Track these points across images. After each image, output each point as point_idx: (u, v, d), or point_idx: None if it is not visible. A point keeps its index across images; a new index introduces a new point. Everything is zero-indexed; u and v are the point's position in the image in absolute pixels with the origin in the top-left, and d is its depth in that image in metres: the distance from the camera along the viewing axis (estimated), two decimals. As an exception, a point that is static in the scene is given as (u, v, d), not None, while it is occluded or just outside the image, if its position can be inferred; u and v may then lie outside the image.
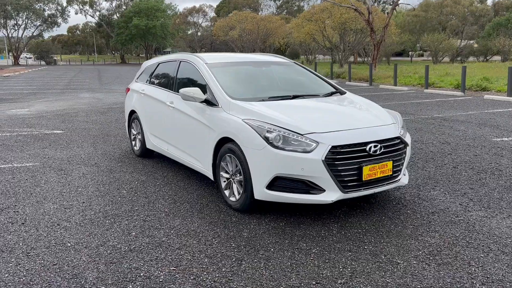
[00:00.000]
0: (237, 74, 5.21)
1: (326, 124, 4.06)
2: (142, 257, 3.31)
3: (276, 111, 4.25)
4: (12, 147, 7.37)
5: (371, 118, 4.43)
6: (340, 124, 4.11)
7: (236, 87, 4.85)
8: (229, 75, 5.09)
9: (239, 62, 5.55)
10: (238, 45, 45.43)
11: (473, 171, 5.65)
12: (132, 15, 64.75)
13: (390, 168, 4.06)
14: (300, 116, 4.19)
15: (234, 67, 5.33)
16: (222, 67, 5.18)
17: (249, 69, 5.37)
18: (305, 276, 3.05)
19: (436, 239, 3.66)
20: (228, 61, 5.47)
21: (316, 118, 4.21)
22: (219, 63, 5.28)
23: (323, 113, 4.43)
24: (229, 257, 3.33)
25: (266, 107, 4.33)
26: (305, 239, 3.65)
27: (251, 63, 5.58)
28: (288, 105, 4.53)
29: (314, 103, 4.72)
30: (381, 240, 3.64)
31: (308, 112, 4.40)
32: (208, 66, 5.08)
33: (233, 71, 5.22)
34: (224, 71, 5.09)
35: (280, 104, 4.52)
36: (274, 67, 5.58)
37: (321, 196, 3.84)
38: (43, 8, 67.50)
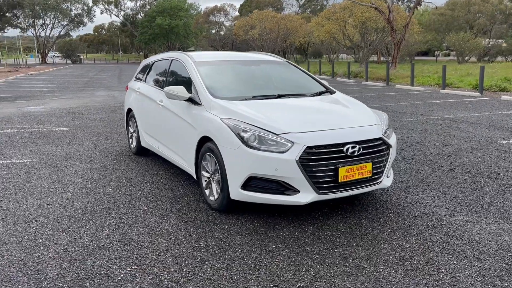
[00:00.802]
0: (224, 72, 5.18)
1: (304, 124, 3.99)
2: (107, 255, 3.33)
3: (256, 110, 4.20)
4: (16, 143, 7.54)
5: (353, 118, 4.33)
6: (318, 124, 4.03)
7: (221, 85, 4.83)
8: (216, 73, 5.07)
9: (228, 60, 5.53)
10: (258, 44, 45.38)
11: (469, 174, 5.47)
12: (156, 15, 65.48)
13: (370, 169, 3.96)
14: (279, 116, 4.13)
15: (222, 66, 5.31)
16: (210, 66, 5.16)
17: (237, 68, 5.33)
18: (265, 278, 3.00)
19: (411, 244, 3.55)
20: (217, 60, 5.45)
21: (295, 118, 4.14)
22: (208, 62, 5.26)
23: (304, 113, 4.35)
24: (194, 257, 3.31)
25: (246, 107, 4.29)
26: (276, 241, 3.59)
27: (241, 61, 5.54)
28: (270, 105, 4.47)
29: (298, 103, 4.64)
30: (353, 243, 3.55)
31: (289, 112, 4.33)
32: (196, 64, 5.08)
33: (220, 69, 5.20)
34: (211, 70, 5.07)
35: (262, 104, 4.47)
36: (264, 66, 5.53)
37: (296, 197, 3.77)
38: (70, 8, 69.05)
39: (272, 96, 4.71)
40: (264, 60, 5.70)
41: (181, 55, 5.47)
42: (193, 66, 5.03)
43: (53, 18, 67.76)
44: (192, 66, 5.03)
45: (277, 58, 5.89)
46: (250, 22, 44.93)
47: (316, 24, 37.99)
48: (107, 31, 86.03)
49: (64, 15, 67.50)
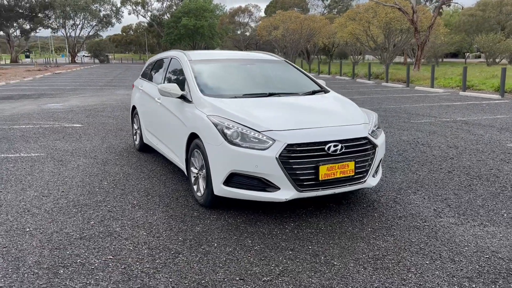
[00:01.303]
0: (219, 71, 5.26)
1: (287, 122, 4.02)
2: (87, 245, 3.45)
3: (242, 108, 4.26)
4: (28, 138, 7.82)
5: (340, 117, 4.34)
6: (302, 122, 4.05)
7: (213, 83, 4.91)
8: (210, 72, 5.15)
9: (225, 59, 5.61)
10: (281, 44, 45.37)
11: (467, 176, 5.37)
12: (181, 15, 66.33)
13: (352, 168, 3.96)
14: (264, 114, 4.17)
15: (217, 64, 5.39)
16: (205, 64, 5.25)
17: (232, 66, 5.40)
18: (233, 272, 3.06)
19: (388, 243, 3.54)
20: (214, 58, 5.54)
21: (280, 116, 4.17)
22: (204, 60, 5.36)
23: (290, 111, 4.38)
24: (170, 249, 3.39)
25: (234, 104, 4.35)
26: (253, 236, 3.64)
27: (237, 60, 5.62)
28: (258, 103, 4.52)
29: (287, 101, 4.67)
30: (330, 241, 3.57)
31: (276, 110, 4.36)
32: (191, 62, 5.18)
33: (215, 68, 5.28)
34: (206, 68, 5.16)
35: (251, 101, 4.52)
36: (259, 64, 5.58)
37: (276, 194, 3.81)
38: (99, 9, 70.68)
39: (263, 95, 4.76)
40: (261, 59, 5.75)
41: (179, 53, 5.58)
42: (188, 64, 5.12)
43: (82, 19, 69.54)
44: (187, 64, 5.14)
45: (276, 57, 5.94)
46: (273, 23, 44.95)
47: (339, 25, 37.69)
48: (134, 31, 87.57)
49: (93, 15, 69.15)
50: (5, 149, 6.90)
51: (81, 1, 65.41)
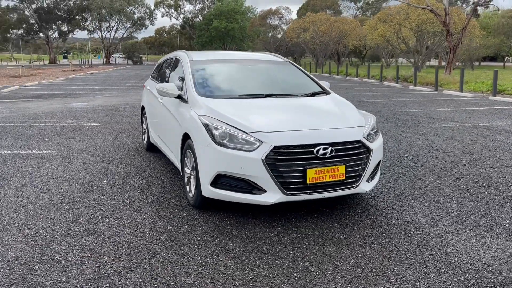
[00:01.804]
0: (219, 71, 5.23)
1: (278, 123, 3.95)
2: (69, 242, 3.48)
3: (235, 109, 4.22)
4: (44, 136, 8.04)
5: (334, 120, 4.23)
6: (293, 124, 3.97)
7: (210, 84, 4.89)
8: (210, 72, 5.13)
9: (227, 60, 5.58)
10: (310, 46, 45.07)
11: (476, 184, 5.13)
12: (213, 18, 66.97)
13: (342, 172, 3.84)
14: (256, 115, 4.11)
15: (218, 65, 5.36)
16: (205, 65, 5.24)
17: (233, 67, 5.36)
18: (206, 274, 3.01)
19: (374, 251, 3.40)
20: (216, 59, 5.52)
21: (272, 118, 4.10)
22: (205, 61, 5.35)
23: (283, 113, 4.30)
24: (149, 249, 3.38)
25: (227, 105, 4.32)
26: (236, 239, 3.58)
27: (239, 61, 5.58)
28: (253, 104, 4.47)
29: (282, 103, 4.59)
30: (313, 246, 3.46)
31: (268, 111, 4.29)
32: (191, 63, 5.17)
33: (215, 68, 5.26)
34: (206, 69, 5.15)
35: (245, 102, 4.48)
36: (261, 65, 5.52)
37: (262, 196, 3.74)
38: (133, 11, 72.26)
39: (260, 96, 4.69)
40: (264, 60, 5.69)
41: (182, 54, 5.60)
42: (188, 64, 5.12)
43: (117, 21, 71.27)
44: (187, 64, 5.13)
45: (280, 58, 5.86)
46: (302, 25, 44.74)
47: (370, 27, 37.11)
48: (167, 33, 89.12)
49: (128, 18, 70.78)
50: (19, 146, 7.10)
51: (116, 4, 67.03)
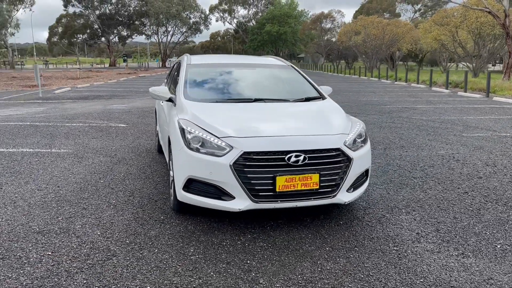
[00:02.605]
0: (214, 75, 5.20)
1: (253, 129, 3.86)
2: (38, 240, 3.58)
3: (216, 113, 4.19)
4: (70, 135, 8.41)
5: (315, 126, 4.07)
6: (269, 130, 3.87)
7: (201, 88, 4.88)
8: (204, 76, 5.12)
9: (224, 64, 5.56)
10: (362, 50, 44.07)
11: (483, 199, 4.74)
12: (265, 22, 67.45)
13: (316, 181, 3.68)
14: (234, 119, 4.05)
15: (215, 69, 5.34)
16: (202, 68, 5.25)
17: (229, 71, 5.32)
18: (150, 280, 2.98)
19: (337, 265, 3.22)
20: (214, 63, 5.52)
21: (249, 123, 4.01)
22: (203, 64, 5.36)
23: (264, 118, 4.20)
24: (109, 251, 3.40)
25: (210, 109, 4.29)
26: (199, 245, 3.53)
27: (237, 65, 5.53)
28: (237, 108, 4.41)
29: (268, 107, 4.49)
30: (275, 257, 3.34)
31: (249, 116, 4.22)
32: (188, 66, 5.20)
33: (211, 72, 5.24)
34: (201, 72, 5.15)
35: (230, 106, 4.43)
36: (260, 69, 5.44)
37: (230, 203, 3.67)
38: (189, 16, 74.26)
39: (248, 100, 4.61)
40: (264, 64, 5.62)
41: (183, 57, 5.64)
42: (184, 68, 5.15)
43: (174, 26, 73.56)
44: (184, 68, 5.17)
45: (283, 62, 5.75)
46: (354, 28, 43.87)
47: (424, 30, 35.68)
48: (222, 37, 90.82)
49: (183, 22, 72.83)
50: (42, 145, 7.47)
51: (173, 9, 69.19)
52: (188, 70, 5.10)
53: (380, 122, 10.44)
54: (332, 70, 50.10)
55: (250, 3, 76.22)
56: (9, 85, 26.09)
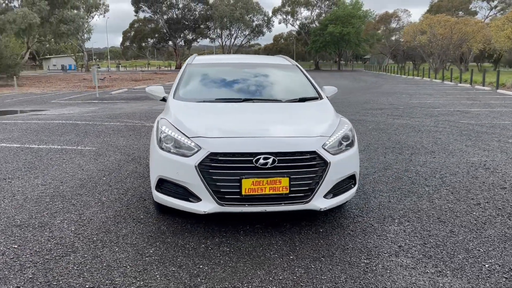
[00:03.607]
0: (211, 75, 5.13)
1: (226, 129, 3.74)
2: (13, 232, 3.71)
3: (197, 112, 4.13)
4: (101, 134, 8.75)
5: (294, 127, 3.86)
6: (243, 130, 3.72)
7: (193, 87, 4.83)
8: (202, 76, 5.07)
9: (226, 63, 5.48)
10: (427, 51, 41.94)
11: (496, 212, 4.26)
12: (328, 23, 66.46)
13: (286, 185, 3.47)
14: (210, 119, 3.96)
15: (215, 68, 5.28)
16: (201, 68, 5.20)
17: (228, 71, 5.22)
18: (93, 279, 2.96)
19: (292, 275, 3.02)
20: (216, 62, 5.46)
21: (224, 123, 3.90)
22: (203, 64, 5.31)
23: (244, 118, 4.05)
24: (71, 247, 3.44)
25: (192, 109, 4.25)
26: (161, 247, 3.47)
27: (238, 64, 5.42)
28: (221, 108, 4.31)
29: (254, 108, 4.33)
30: (230, 263, 3.19)
31: (229, 116, 4.10)
32: (188, 66, 5.18)
33: (209, 72, 5.18)
34: (199, 72, 5.11)
35: (214, 107, 4.34)
36: (260, 69, 5.29)
37: (196, 205, 3.57)
38: (252, 19, 75.18)
39: (237, 100, 4.49)
40: (266, 63, 5.48)
41: (190, 57, 5.63)
42: (184, 68, 5.14)
43: (237, 29, 74.83)
44: (183, 68, 5.16)
45: (287, 62, 5.55)
46: (419, 28, 41.88)
47: (495, 28, 33.22)
48: (285, 39, 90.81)
49: (246, 25, 73.86)
50: (71, 142, 7.83)
51: (237, 13, 70.44)
52: (186, 69, 5.09)
53: (420, 126, 9.82)
54: (396, 71, 48.22)
55: (313, 5, 75.55)
56: (77, 86, 27.92)
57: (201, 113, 4.14)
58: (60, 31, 39.32)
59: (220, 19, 71.78)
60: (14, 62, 30.77)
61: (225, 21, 72.89)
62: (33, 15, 35.34)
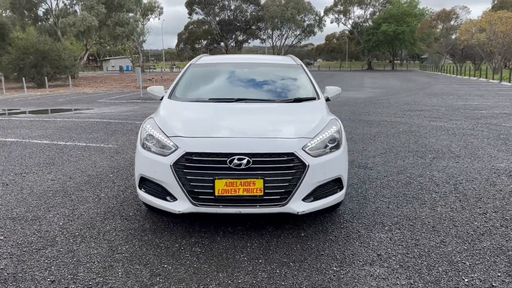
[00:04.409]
0: (210, 75, 5.12)
1: (205, 129, 3.73)
2: (6, 225, 3.89)
3: (184, 112, 4.17)
4: (127, 132, 9.03)
5: (274, 128, 3.75)
6: (222, 131, 3.70)
7: (189, 87, 4.84)
8: (201, 76, 5.09)
9: (229, 63, 5.45)
10: (486, 49, 39.64)
11: (501, 223, 3.94)
12: (382, 22, 64.63)
13: (260, 187, 3.39)
14: (193, 119, 3.99)
15: (215, 68, 5.27)
16: (202, 68, 5.22)
17: (229, 71, 5.18)
18: (58, 273, 3.03)
19: (253, 279, 2.95)
20: (219, 62, 5.45)
21: (207, 122, 3.89)
22: (206, 64, 5.33)
23: (229, 118, 4.01)
24: (52, 241, 3.55)
25: (182, 108, 4.27)
26: (135, 244, 3.50)
27: (241, 64, 5.39)
28: (210, 107, 4.31)
29: (243, 108, 4.27)
30: (195, 265, 3.17)
31: (215, 116, 4.07)
32: (191, 66, 5.22)
33: (209, 72, 5.18)
34: (199, 72, 5.13)
35: (204, 106, 4.35)
36: (261, 68, 5.22)
37: (172, 204, 3.57)
38: (304, 19, 74.65)
39: (230, 100, 4.45)
40: (270, 63, 5.42)
41: (195, 58, 5.67)
42: (185, 68, 5.19)
43: (288, 29, 74.63)
44: (185, 68, 5.21)
45: (293, 62, 5.43)
46: (477, 25, 39.69)
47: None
48: (337, 39, 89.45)
49: (297, 25, 73.47)
50: (97, 140, 8.14)
51: (288, 13, 70.24)
52: (188, 70, 5.12)
53: (456, 129, 9.29)
54: (452, 71, 46.01)
55: (367, 3, 73.78)
56: (127, 86, 29.06)
57: (188, 112, 4.15)
58: (116, 33, 41.08)
59: (271, 19, 71.90)
60: (71, 63, 32.48)
61: (276, 22, 72.90)
62: (92, 18, 37.24)
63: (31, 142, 7.96)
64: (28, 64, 29.34)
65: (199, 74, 5.10)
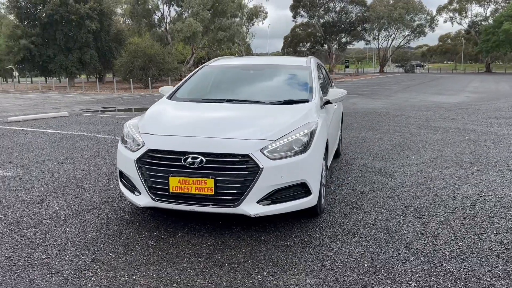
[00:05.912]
0: (214, 76, 5.23)
1: (175, 127, 3.87)
2: (11, 205, 4.42)
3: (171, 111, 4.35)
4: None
5: (237, 129, 3.75)
6: (190, 130, 3.79)
7: (190, 88, 4.98)
8: (206, 77, 5.22)
9: (234, 65, 5.50)
10: None
11: (490, 245, 3.44)
12: (504, 19, 58.47)
13: (211, 187, 3.42)
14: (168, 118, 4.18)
15: (221, 69, 5.38)
16: (211, 69, 5.36)
17: (232, 72, 5.26)
18: (31, 258, 3.39)
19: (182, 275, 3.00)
20: (227, 64, 5.53)
21: (181, 121, 4.03)
22: (216, 66, 5.45)
23: (204, 118, 4.09)
24: (38, 223, 3.97)
25: (170, 107, 4.45)
26: (103, 232, 3.74)
27: (246, 66, 5.43)
28: (196, 107, 4.42)
29: (228, 108, 4.31)
30: (137, 256, 3.31)
31: (192, 115, 4.20)
32: (204, 68, 5.39)
33: (215, 73, 5.29)
34: (207, 73, 5.28)
35: (192, 106, 4.48)
36: (267, 70, 5.18)
37: (137, 198, 3.77)
38: (414, 19, 70.59)
39: (220, 100, 4.52)
40: (277, 65, 5.36)
41: (211, 60, 5.82)
42: (198, 69, 5.38)
43: (395, 30, 71.25)
44: (197, 69, 5.39)
45: (303, 63, 5.26)
46: None
47: None
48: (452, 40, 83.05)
49: (406, 26, 69.74)
50: (151, 137, 8.73)
51: (396, 13, 67.08)
52: (199, 71, 5.30)
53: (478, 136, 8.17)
54: None
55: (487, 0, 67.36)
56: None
57: (172, 111, 4.31)
58: (218, 37, 43.15)
59: (377, 20, 69.31)
60: (174, 66, 34.91)
61: (383, 22, 70.05)
62: (197, 24, 39.58)
63: (93, 136, 8.84)
64: (136, 67, 32.30)
65: (207, 75, 5.24)
